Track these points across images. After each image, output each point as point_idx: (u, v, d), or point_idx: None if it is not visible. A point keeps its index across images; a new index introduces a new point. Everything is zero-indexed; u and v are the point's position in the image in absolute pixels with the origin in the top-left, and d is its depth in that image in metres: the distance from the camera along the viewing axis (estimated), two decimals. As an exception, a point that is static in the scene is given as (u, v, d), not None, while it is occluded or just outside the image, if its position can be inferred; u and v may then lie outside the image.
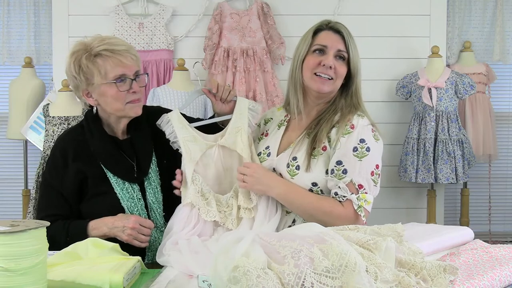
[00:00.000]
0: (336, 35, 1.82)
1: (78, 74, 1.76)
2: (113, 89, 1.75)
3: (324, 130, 1.79)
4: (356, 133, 1.75)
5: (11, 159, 3.89)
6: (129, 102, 1.79)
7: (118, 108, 1.79)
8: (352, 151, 1.72)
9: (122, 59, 1.75)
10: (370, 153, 1.73)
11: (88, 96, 1.80)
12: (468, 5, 3.83)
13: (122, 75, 1.76)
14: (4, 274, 1.13)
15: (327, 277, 1.09)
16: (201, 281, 1.30)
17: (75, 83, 1.79)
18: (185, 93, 3.35)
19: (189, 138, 1.83)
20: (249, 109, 1.89)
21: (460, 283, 1.25)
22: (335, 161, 1.73)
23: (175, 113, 1.87)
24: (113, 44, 1.76)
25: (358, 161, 1.71)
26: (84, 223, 1.75)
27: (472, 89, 3.43)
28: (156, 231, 1.81)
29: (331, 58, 1.80)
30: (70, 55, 1.78)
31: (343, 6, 3.64)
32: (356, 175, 1.71)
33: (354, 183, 1.71)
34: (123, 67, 1.76)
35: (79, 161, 1.81)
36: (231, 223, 1.74)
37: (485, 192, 3.85)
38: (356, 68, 1.83)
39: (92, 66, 1.74)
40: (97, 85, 1.76)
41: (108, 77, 1.75)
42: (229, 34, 3.53)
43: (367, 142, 1.74)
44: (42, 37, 3.79)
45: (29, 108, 3.51)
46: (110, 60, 1.74)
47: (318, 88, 1.81)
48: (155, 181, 1.85)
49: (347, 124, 1.77)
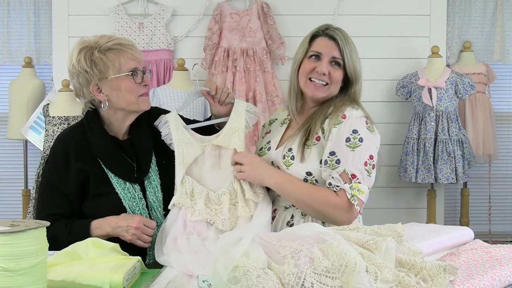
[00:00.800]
0: (331, 41, 1.83)
1: (91, 68, 1.77)
2: (128, 81, 1.79)
3: (318, 121, 1.82)
4: (349, 124, 1.77)
5: (11, 159, 3.90)
6: (141, 95, 1.82)
7: (131, 101, 1.81)
8: (345, 141, 1.74)
9: (133, 53, 1.81)
10: (363, 143, 1.74)
11: (98, 91, 1.81)
12: (468, 5, 3.83)
13: (135, 68, 1.81)
14: (4, 274, 1.13)
15: (327, 277, 1.09)
16: (201, 281, 1.30)
17: (86, 78, 1.79)
18: (185, 93, 3.36)
19: (184, 140, 1.84)
20: (246, 111, 1.90)
21: (460, 283, 1.25)
22: (328, 152, 1.75)
23: (173, 115, 1.88)
24: (121, 40, 1.82)
25: (350, 151, 1.73)
26: (87, 222, 1.75)
27: (472, 89, 3.43)
28: (157, 230, 1.81)
29: (325, 64, 1.82)
30: (78, 51, 1.79)
31: (343, 6, 3.64)
32: (349, 165, 1.72)
33: (347, 173, 1.72)
34: (135, 61, 1.81)
35: (81, 161, 1.82)
36: (221, 223, 1.73)
37: (485, 192, 3.85)
38: (354, 73, 1.84)
39: (106, 60, 1.77)
40: (110, 78, 1.78)
41: (122, 70, 1.78)
42: (229, 34, 3.54)
43: (359, 133, 1.75)
44: (42, 37, 3.79)
45: (29, 108, 3.51)
46: (123, 53, 1.79)
47: (312, 93, 1.85)
48: (155, 180, 1.85)
49: (339, 115, 1.79)
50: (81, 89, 1.82)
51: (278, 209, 1.88)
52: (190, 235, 1.69)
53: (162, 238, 1.70)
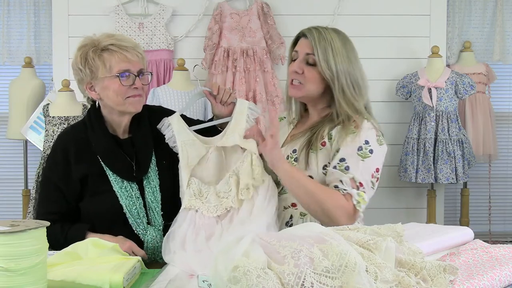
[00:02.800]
0: (306, 40, 1.83)
1: (83, 67, 1.79)
2: (116, 83, 1.79)
3: (326, 127, 1.82)
4: (361, 134, 1.76)
5: (11, 159, 3.90)
6: (129, 97, 1.81)
7: (118, 102, 1.81)
8: (357, 150, 1.74)
9: (127, 55, 1.79)
10: (373, 155, 1.75)
11: (91, 89, 1.83)
12: (468, 5, 3.83)
13: (126, 70, 1.79)
14: (4, 274, 1.13)
15: (327, 277, 1.09)
16: (201, 281, 1.30)
17: (80, 76, 1.82)
18: (185, 93, 3.36)
19: (188, 142, 1.84)
20: (248, 108, 1.91)
21: (460, 283, 1.25)
22: (338, 158, 1.75)
23: (176, 117, 1.88)
24: (120, 40, 1.81)
25: (361, 160, 1.73)
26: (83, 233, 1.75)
27: (472, 89, 3.43)
28: (155, 230, 1.81)
29: (297, 63, 1.82)
30: (77, 49, 1.82)
31: (343, 6, 3.64)
32: (358, 173, 1.72)
33: (355, 180, 1.72)
34: (128, 63, 1.79)
35: (80, 159, 1.83)
36: (231, 201, 1.75)
37: (485, 192, 3.85)
38: (329, 71, 1.78)
39: (98, 60, 1.78)
40: (101, 78, 1.79)
41: (112, 71, 1.78)
42: (229, 34, 3.54)
43: (370, 144, 1.76)
44: (42, 37, 3.79)
45: (29, 108, 3.51)
46: (116, 54, 1.78)
47: (291, 93, 1.88)
48: (154, 180, 1.85)
49: (351, 124, 1.78)
50: (79, 86, 1.87)
51: (278, 209, 1.87)
52: (199, 231, 1.70)
53: (169, 239, 1.70)
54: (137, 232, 1.80)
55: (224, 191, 1.78)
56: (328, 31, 1.83)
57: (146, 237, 1.80)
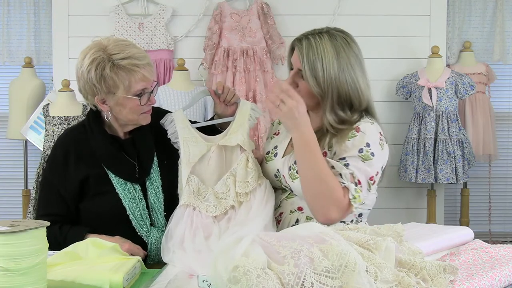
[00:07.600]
0: (297, 53, 1.78)
1: (99, 83, 1.73)
2: (134, 102, 1.76)
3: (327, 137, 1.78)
4: (363, 137, 1.74)
5: (11, 159, 3.89)
6: (143, 113, 1.81)
7: (132, 119, 1.81)
8: (358, 152, 1.72)
9: (145, 74, 1.76)
10: (374, 158, 1.73)
11: (102, 102, 1.79)
12: (468, 5, 3.83)
13: (144, 89, 1.77)
14: (4, 274, 1.13)
15: (327, 277, 1.09)
16: (201, 281, 1.30)
17: (93, 90, 1.76)
18: (185, 93, 3.36)
19: (191, 138, 1.84)
20: (251, 109, 1.92)
21: (460, 283, 1.25)
22: (338, 158, 1.73)
23: (179, 113, 1.88)
24: (135, 58, 1.74)
25: (361, 161, 1.71)
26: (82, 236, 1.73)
27: (472, 89, 3.43)
28: (158, 231, 1.81)
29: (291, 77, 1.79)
30: (90, 61, 1.73)
31: (343, 6, 3.64)
32: (358, 172, 1.71)
33: (354, 176, 1.70)
34: (146, 82, 1.77)
35: (81, 161, 1.82)
36: (233, 200, 1.74)
37: (485, 192, 3.85)
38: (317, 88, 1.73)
39: (117, 79, 1.73)
40: (118, 96, 1.75)
41: (131, 91, 1.75)
42: (229, 34, 3.54)
43: (372, 147, 1.73)
44: (42, 37, 3.79)
45: (29, 108, 3.51)
46: (135, 74, 1.73)
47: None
48: (156, 181, 1.85)
49: (353, 129, 1.75)
50: (86, 95, 1.81)
51: (284, 212, 1.85)
52: (196, 230, 1.70)
53: (167, 239, 1.70)
54: (140, 234, 1.79)
55: (222, 191, 1.78)
56: (322, 39, 1.75)
57: (149, 238, 1.79)
